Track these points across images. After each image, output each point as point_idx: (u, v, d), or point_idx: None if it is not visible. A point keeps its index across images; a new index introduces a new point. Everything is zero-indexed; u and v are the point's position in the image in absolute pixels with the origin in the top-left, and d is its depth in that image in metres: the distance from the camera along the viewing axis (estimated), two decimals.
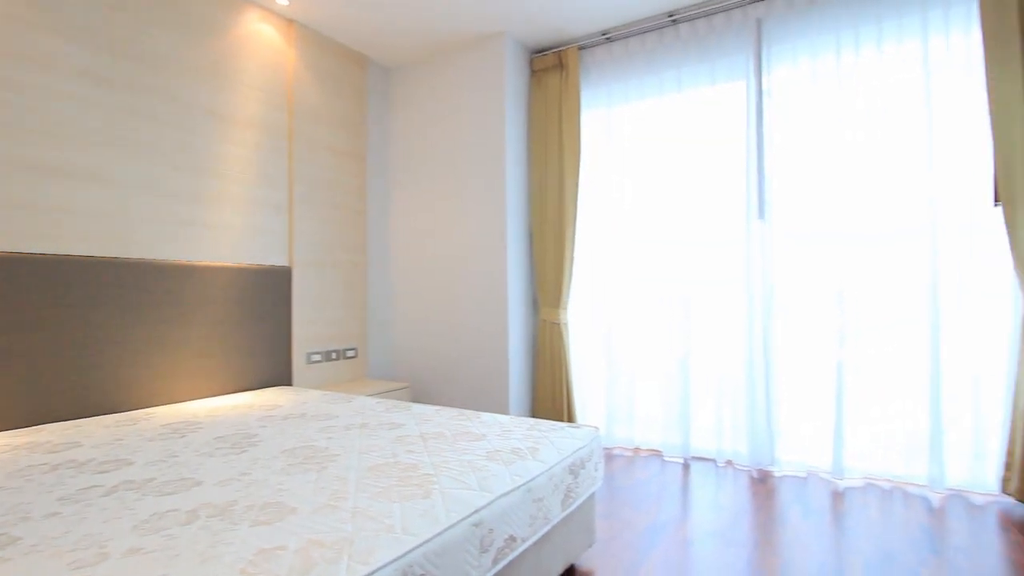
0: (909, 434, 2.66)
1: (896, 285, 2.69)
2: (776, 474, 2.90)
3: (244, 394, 2.79)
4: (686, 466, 3.06)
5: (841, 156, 2.79)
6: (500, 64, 3.44)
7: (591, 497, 2.00)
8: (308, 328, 3.29)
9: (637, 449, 3.38)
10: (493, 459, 1.64)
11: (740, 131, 3.05)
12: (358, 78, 3.70)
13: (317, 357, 3.34)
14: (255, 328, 2.96)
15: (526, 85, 3.67)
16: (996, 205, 2.37)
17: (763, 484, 2.76)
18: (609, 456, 3.26)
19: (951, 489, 2.60)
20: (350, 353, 3.57)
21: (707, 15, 3.13)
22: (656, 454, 3.29)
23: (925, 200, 2.60)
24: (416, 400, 3.78)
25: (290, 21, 3.26)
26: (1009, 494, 2.36)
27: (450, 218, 3.64)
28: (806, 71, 2.89)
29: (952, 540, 2.11)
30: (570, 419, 3.43)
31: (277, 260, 3.15)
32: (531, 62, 3.67)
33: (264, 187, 3.08)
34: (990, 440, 2.52)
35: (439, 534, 1.19)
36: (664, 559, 1.99)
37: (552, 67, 3.56)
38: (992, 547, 2.05)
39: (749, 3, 2.99)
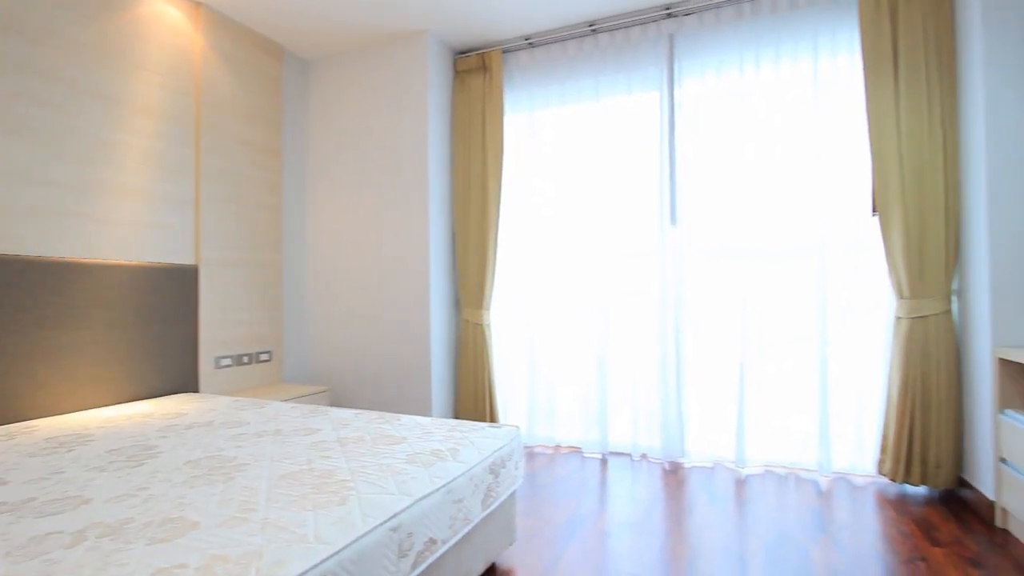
0: (802, 425, 2.90)
1: (791, 290, 2.92)
2: (686, 465, 3.06)
3: (144, 403, 2.59)
4: (604, 461, 3.16)
5: (743, 169, 2.99)
6: (423, 62, 3.41)
7: (512, 496, 2.02)
8: (217, 331, 3.11)
9: (558, 447, 3.45)
10: (413, 462, 1.62)
11: (654, 141, 3.20)
12: (273, 68, 3.54)
13: (227, 361, 3.16)
14: (156, 331, 2.75)
15: (449, 85, 3.66)
16: (874, 215, 2.64)
17: (674, 475, 2.90)
18: (531, 454, 3.31)
19: (837, 473, 2.86)
20: (264, 356, 3.40)
21: (624, 27, 3.25)
22: (576, 451, 3.38)
23: (815, 214, 2.83)
24: (335, 404, 3.66)
25: (197, 4, 3.06)
26: (884, 474, 2.63)
27: (371, 216, 3.56)
28: (713, 86, 3.08)
29: (837, 518, 2.32)
30: (492, 419, 3.45)
31: (182, 258, 2.94)
32: (455, 63, 3.67)
33: (167, 179, 2.88)
34: (868, 428, 2.79)
35: (355, 541, 1.16)
36: (582, 552, 2.05)
37: (476, 68, 3.57)
38: (870, 523, 2.27)
39: (662, 19, 3.14)
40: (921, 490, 2.63)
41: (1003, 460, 2.16)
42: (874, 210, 2.63)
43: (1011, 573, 1.86)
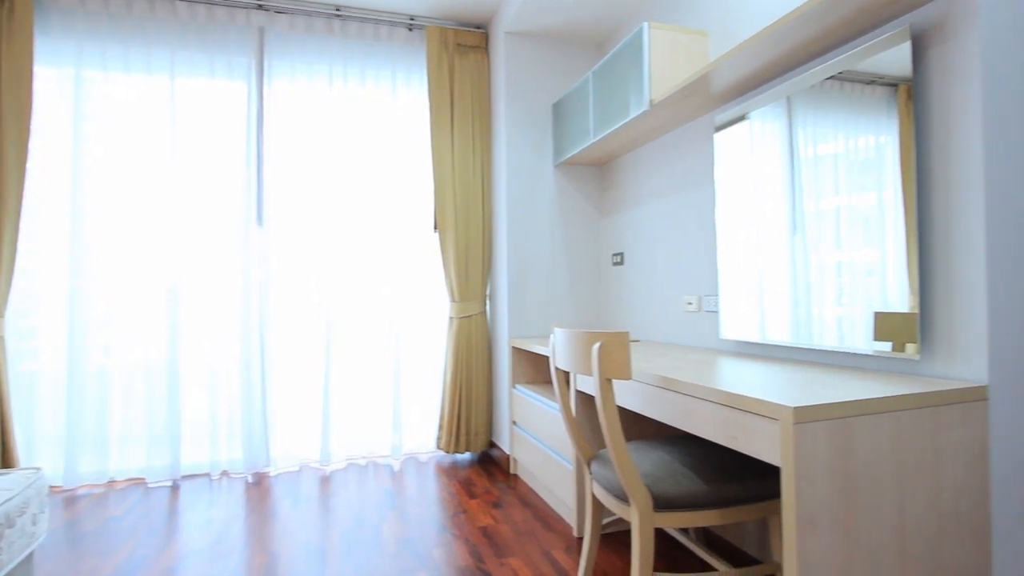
0: (378, 416, 3.21)
1: (372, 293, 3.20)
2: (272, 474, 2.99)
3: None
4: (175, 488, 2.79)
5: (330, 176, 3.12)
6: None
7: (29, 558, 1.58)
8: None
9: (112, 482, 2.87)
10: None
11: (241, 135, 3.01)
12: None
13: None
14: None
15: None
16: (435, 231, 3.15)
17: (258, 487, 2.79)
18: (70, 499, 2.64)
19: (407, 454, 3.28)
20: None
21: (208, 3, 2.95)
22: (138, 483, 2.87)
23: (393, 225, 3.19)
24: None
25: None
26: (441, 448, 3.16)
27: None
28: (305, 90, 3.11)
29: (406, 494, 2.67)
30: (7, 464, 2.60)
31: None
32: None
33: None
34: (431, 412, 3.31)
35: None
36: None
37: None
38: (430, 491, 2.70)
39: (253, 8, 2.99)
40: (467, 456, 3.27)
41: (515, 423, 2.89)
42: (435, 227, 3.14)
43: (518, 506, 2.51)
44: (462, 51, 3.17)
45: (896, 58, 1.42)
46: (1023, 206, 1.33)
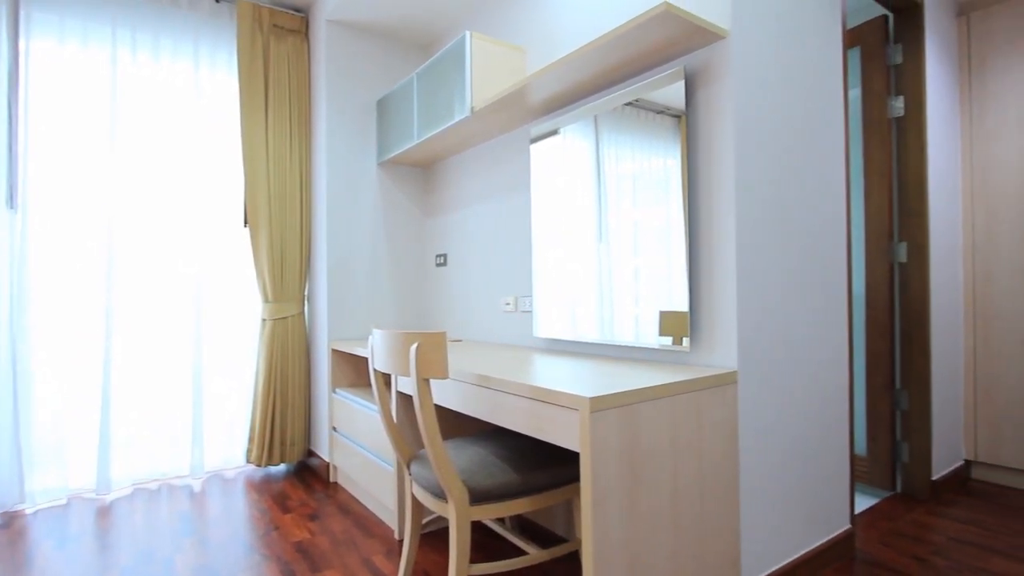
0: (174, 433, 2.85)
1: (166, 293, 2.82)
2: (28, 511, 2.47)
3: None
4: None
5: (113, 159, 2.68)
6: None
7: None
8: None
9: None
10: None
11: None
12: None
13: None
14: None
15: None
16: (245, 226, 2.89)
17: (8, 529, 2.29)
18: None
19: (210, 471, 2.95)
20: None
21: None
22: None
23: (192, 218, 2.85)
24: None
25: None
26: (252, 462, 2.90)
27: None
28: (78, 54, 2.63)
29: (208, 517, 2.40)
30: None
31: None
32: None
33: None
34: (239, 423, 3.01)
35: None
36: None
37: None
38: (237, 511, 2.46)
39: None
40: (282, 468, 3.05)
41: (335, 429, 2.77)
42: (245, 223, 2.88)
43: (337, 515, 2.40)
44: (279, 34, 2.95)
45: (676, 94, 1.65)
46: (760, 227, 1.64)
